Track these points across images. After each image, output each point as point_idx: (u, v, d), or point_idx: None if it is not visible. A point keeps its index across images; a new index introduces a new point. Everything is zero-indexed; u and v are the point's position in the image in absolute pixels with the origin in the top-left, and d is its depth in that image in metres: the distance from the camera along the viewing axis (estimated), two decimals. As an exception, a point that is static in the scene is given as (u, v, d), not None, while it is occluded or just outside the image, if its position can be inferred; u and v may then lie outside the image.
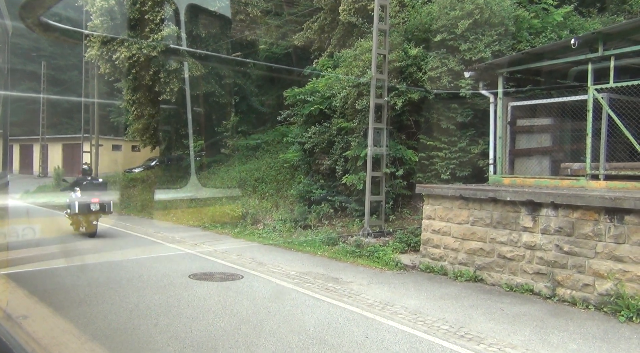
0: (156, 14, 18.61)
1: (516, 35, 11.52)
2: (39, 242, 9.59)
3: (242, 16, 21.51)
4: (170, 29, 18.60)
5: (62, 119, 44.89)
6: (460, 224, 8.97)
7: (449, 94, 11.38)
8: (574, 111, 9.22)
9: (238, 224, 14.62)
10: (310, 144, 14.08)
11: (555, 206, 7.61)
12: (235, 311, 6.92)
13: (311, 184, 14.31)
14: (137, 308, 6.99)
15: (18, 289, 6.71)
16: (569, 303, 7.37)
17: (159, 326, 6.24)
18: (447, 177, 11.45)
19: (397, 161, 12.29)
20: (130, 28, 19.28)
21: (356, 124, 12.76)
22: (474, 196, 8.77)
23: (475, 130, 11.55)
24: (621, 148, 8.57)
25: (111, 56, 19.64)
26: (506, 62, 10.05)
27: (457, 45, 11.37)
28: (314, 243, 11.76)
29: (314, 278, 8.96)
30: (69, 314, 6.56)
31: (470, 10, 11.23)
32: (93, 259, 10.38)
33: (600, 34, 8.55)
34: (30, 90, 39.84)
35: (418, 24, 12.78)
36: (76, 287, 8.07)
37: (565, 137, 9.83)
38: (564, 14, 11.93)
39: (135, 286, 8.18)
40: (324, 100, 13.98)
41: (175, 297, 7.53)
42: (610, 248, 7.00)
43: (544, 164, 9.90)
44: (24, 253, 9.36)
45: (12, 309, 5.91)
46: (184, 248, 11.94)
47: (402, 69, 12.31)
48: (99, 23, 19.90)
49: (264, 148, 20.43)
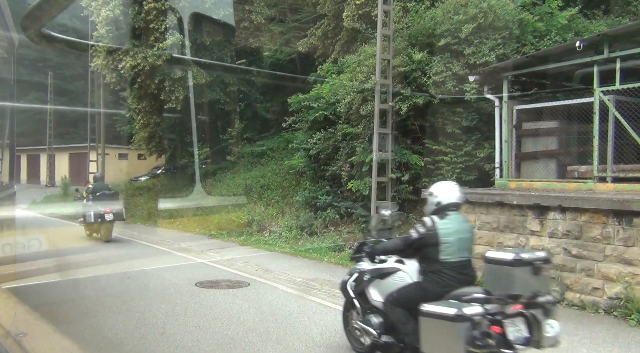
0: (161, 23, 18.72)
1: (520, 39, 11.47)
2: (45, 254, 9.57)
3: (246, 23, 21.59)
4: (175, 37, 18.71)
5: (68, 128, 45.16)
6: (467, 229, 8.91)
7: (454, 98, 11.33)
8: (580, 114, 9.16)
9: (244, 231, 14.62)
10: (315, 150, 14.07)
11: (563, 210, 7.56)
12: (242, 319, 6.89)
13: (317, 190, 14.29)
14: (144, 317, 6.98)
15: (21, 304, 6.68)
16: (578, 307, 7.30)
17: (165, 335, 6.22)
18: (453, 181, 11.38)
19: (403, 166, 12.25)
20: (135, 37, 19.41)
21: (361, 129, 12.74)
22: (480, 201, 8.72)
23: (481, 134, 11.50)
24: (629, 149, 8.50)
25: (117, 65, 19.78)
26: (511, 66, 10.01)
27: (461, 49, 11.34)
28: (320, 250, 11.73)
29: (320, 284, 8.93)
30: (73, 327, 6.54)
31: (474, 14, 11.21)
32: (99, 270, 10.37)
33: (606, 36, 8.50)
34: (37, 100, 40.18)
35: (422, 28, 12.75)
36: (82, 299, 8.07)
37: (571, 140, 9.75)
38: (569, 16, 11.86)
39: (142, 295, 8.18)
40: (328, 106, 13.98)
41: (182, 306, 7.52)
42: (619, 251, 6.94)
43: (550, 167, 9.83)
44: (29, 266, 9.35)
45: (13, 325, 5.88)
46: (190, 256, 11.93)
47: (406, 74, 12.28)
48: (105, 33, 20.04)
49: (269, 154, 20.43)
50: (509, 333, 4.11)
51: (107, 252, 12.57)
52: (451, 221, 4.67)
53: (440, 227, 4.60)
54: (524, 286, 4.25)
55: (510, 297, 4.18)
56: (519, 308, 4.19)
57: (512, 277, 4.30)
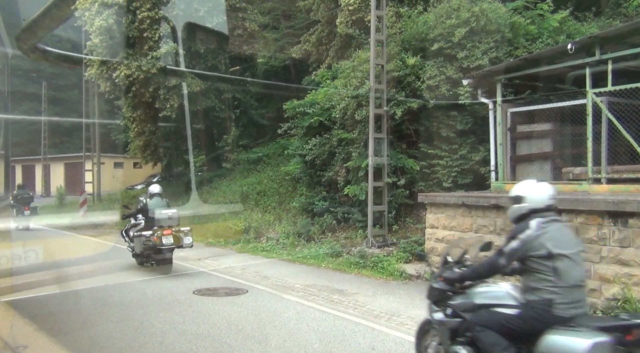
0: (154, 32, 18.73)
1: (513, 42, 11.54)
2: (42, 265, 9.51)
3: (240, 31, 21.63)
4: (169, 46, 18.72)
5: (63, 138, 45.08)
6: (464, 232, 8.94)
7: (448, 102, 11.39)
8: (573, 116, 9.22)
9: (241, 238, 14.59)
10: (311, 156, 14.09)
11: (559, 212, 7.57)
12: (240, 326, 6.88)
13: (313, 196, 14.30)
14: (142, 326, 6.96)
15: (19, 317, 6.63)
16: (576, 309, 7.30)
17: (164, 344, 6.21)
18: (449, 185, 11.42)
19: (399, 170, 12.28)
20: (129, 46, 19.40)
21: (356, 134, 12.78)
22: (476, 204, 8.76)
23: (476, 137, 11.55)
24: (622, 151, 8.55)
25: (111, 74, 19.77)
26: (503, 69, 10.07)
27: (454, 53, 11.40)
28: (317, 256, 11.73)
29: (318, 290, 8.93)
30: (72, 337, 6.51)
31: (466, 18, 11.28)
32: (96, 280, 10.31)
33: (597, 38, 8.57)
34: (31, 110, 40.06)
35: (415, 33, 12.83)
36: (80, 309, 8.04)
37: (565, 141, 9.81)
38: (560, 19, 11.95)
39: (140, 305, 8.15)
40: (323, 112, 14.01)
41: (180, 314, 7.50)
42: (615, 252, 6.97)
43: (545, 169, 9.88)
44: (27, 278, 9.29)
45: (12, 339, 5.84)
46: (188, 264, 11.91)
47: (400, 78, 12.35)
48: (98, 42, 20.02)
49: (265, 161, 20.44)
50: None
51: (104, 262, 12.51)
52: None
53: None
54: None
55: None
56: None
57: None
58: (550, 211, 4.11)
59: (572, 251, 3.89)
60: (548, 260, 3.81)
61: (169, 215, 10.80)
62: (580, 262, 3.94)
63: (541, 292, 3.84)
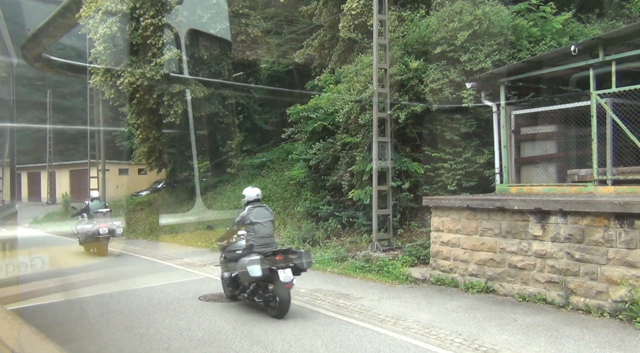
0: (158, 39, 18.81)
1: (516, 44, 11.54)
2: (48, 273, 9.53)
3: (243, 37, 21.72)
4: (172, 52, 18.80)
5: (68, 145, 45.23)
6: (469, 235, 8.92)
7: (452, 105, 11.38)
8: (578, 117, 9.20)
9: (246, 244, 14.56)
10: (315, 160, 14.10)
11: (564, 214, 7.56)
12: (246, 332, 6.87)
13: (318, 200, 14.30)
14: (148, 333, 6.96)
15: (25, 325, 6.64)
16: (583, 312, 7.28)
17: (170, 350, 6.21)
18: (454, 188, 11.40)
19: (403, 174, 12.27)
20: (132, 53, 19.49)
21: (360, 138, 12.78)
22: (481, 207, 8.73)
23: (480, 140, 11.53)
24: (628, 152, 8.52)
25: (115, 81, 19.86)
26: (507, 72, 10.06)
27: (457, 56, 11.40)
28: (323, 260, 11.71)
29: (324, 295, 8.91)
30: (79, 345, 6.51)
31: (469, 21, 11.28)
32: (103, 288, 10.33)
33: (600, 39, 8.55)
34: (36, 118, 40.24)
35: (417, 37, 12.84)
36: (86, 317, 8.05)
37: (570, 143, 9.78)
38: (563, 21, 11.95)
39: (146, 311, 8.16)
40: (327, 116, 14.03)
41: (186, 320, 7.50)
42: (622, 253, 6.93)
43: (550, 171, 9.85)
44: (33, 286, 9.31)
45: (19, 348, 5.85)
46: (193, 270, 11.91)
47: (403, 82, 12.35)
48: (103, 49, 20.11)
49: (269, 166, 20.46)
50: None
51: (110, 269, 12.54)
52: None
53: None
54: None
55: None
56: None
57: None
58: (258, 201, 8.14)
59: (263, 220, 7.86)
60: (251, 225, 7.80)
61: (103, 212, 14.82)
62: (268, 225, 7.89)
63: (249, 240, 7.82)
